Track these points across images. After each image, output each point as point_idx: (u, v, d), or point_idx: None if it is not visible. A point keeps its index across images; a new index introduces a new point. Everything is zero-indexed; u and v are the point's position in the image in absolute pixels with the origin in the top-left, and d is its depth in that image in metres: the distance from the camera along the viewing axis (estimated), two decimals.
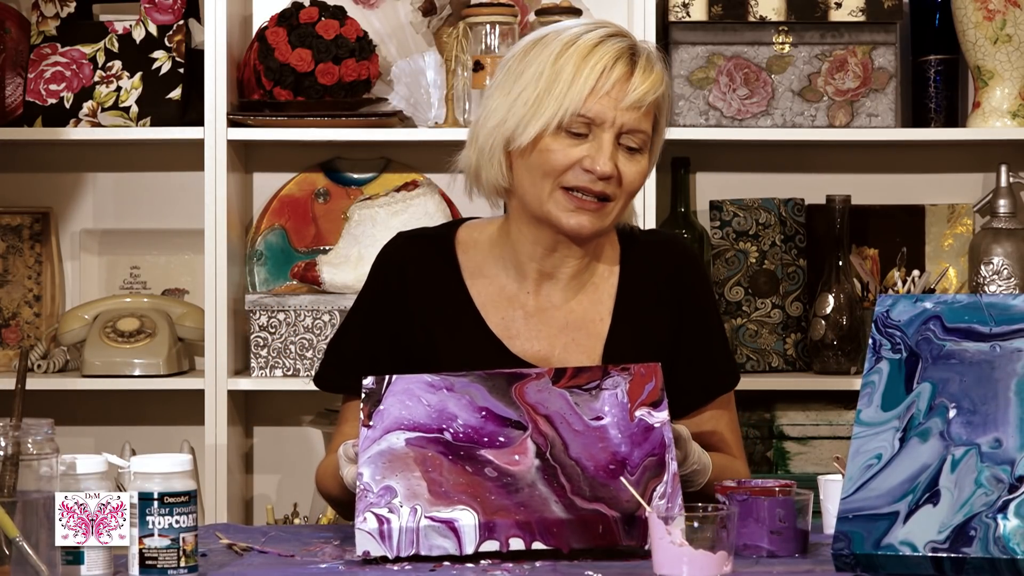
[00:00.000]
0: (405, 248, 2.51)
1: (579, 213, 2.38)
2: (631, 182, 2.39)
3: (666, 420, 2.13)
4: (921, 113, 3.59)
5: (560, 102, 2.35)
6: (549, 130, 2.36)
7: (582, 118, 2.36)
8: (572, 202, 2.37)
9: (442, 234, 2.52)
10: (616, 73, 2.36)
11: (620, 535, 2.05)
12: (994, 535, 1.82)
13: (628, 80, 2.36)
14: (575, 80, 2.35)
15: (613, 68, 2.36)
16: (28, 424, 1.97)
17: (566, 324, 2.46)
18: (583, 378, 2.16)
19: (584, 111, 2.35)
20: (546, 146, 2.37)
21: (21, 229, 3.62)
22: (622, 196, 2.39)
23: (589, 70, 2.35)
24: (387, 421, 2.14)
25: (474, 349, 2.43)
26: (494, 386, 2.16)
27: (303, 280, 3.46)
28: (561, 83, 2.36)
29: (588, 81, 2.35)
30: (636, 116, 2.36)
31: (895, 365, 1.98)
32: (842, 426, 3.40)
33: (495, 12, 3.36)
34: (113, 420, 3.64)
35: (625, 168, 2.38)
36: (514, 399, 2.15)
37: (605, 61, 2.36)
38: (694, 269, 2.53)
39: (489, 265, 2.48)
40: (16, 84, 3.56)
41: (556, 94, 2.35)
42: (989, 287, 3.41)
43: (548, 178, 2.37)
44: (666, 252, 2.52)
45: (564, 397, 2.15)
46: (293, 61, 3.41)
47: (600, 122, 2.36)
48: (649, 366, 2.17)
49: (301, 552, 2.16)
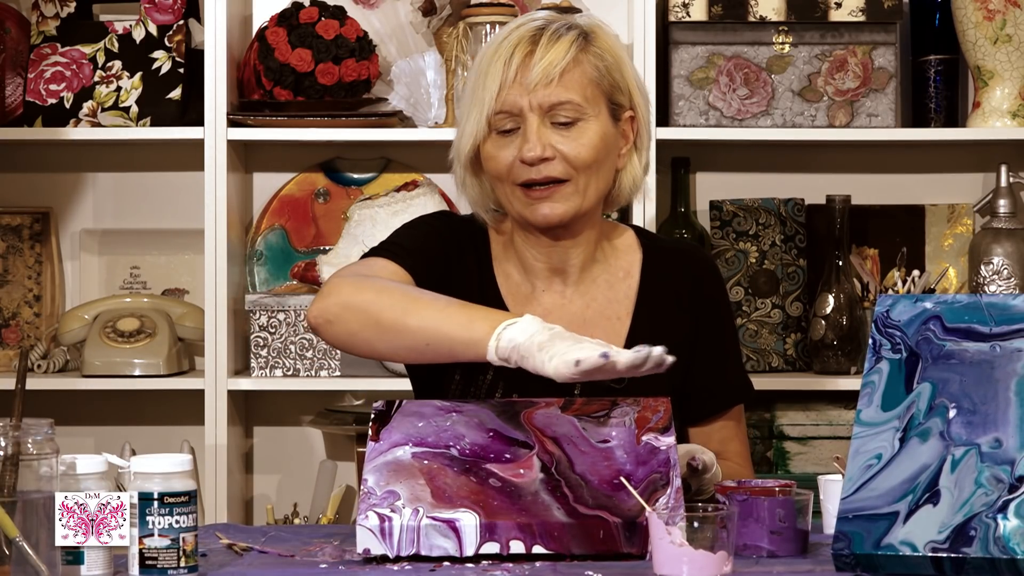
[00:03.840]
0: (455, 224, 2.53)
1: (538, 204, 2.39)
2: (575, 156, 2.37)
3: (673, 444, 2.13)
4: (921, 113, 3.59)
5: (479, 109, 2.38)
6: (479, 138, 2.39)
7: (502, 114, 2.37)
8: (528, 197, 2.39)
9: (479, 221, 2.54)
10: (517, 58, 2.37)
11: (621, 542, 2.05)
12: (994, 535, 1.82)
13: (530, 60, 2.36)
14: (487, 83, 2.37)
15: (514, 56, 2.37)
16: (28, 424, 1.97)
17: (583, 321, 2.46)
18: (592, 407, 2.18)
19: (499, 107, 2.36)
20: (487, 153, 2.40)
21: (21, 229, 3.62)
22: (578, 173, 2.38)
23: (494, 67, 2.37)
24: (395, 436, 2.15)
25: None
26: (503, 411, 2.18)
27: (303, 280, 3.46)
28: (478, 90, 2.38)
29: (495, 77, 2.37)
30: (550, 91, 2.36)
31: (895, 365, 1.98)
32: (842, 426, 3.40)
33: (495, 12, 3.36)
34: (113, 420, 3.64)
35: (563, 145, 2.37)
36: (522, 423, 2.16)
37: (507, 52, 2.37)
38: (715, 281, 2.53)
39: (505, 261, 2.50)
40: (16, 84, 3.56)
41: (477, 102, 2.38)
42: (989, 287, 3.41)
43: (503, 182, 2.40)
44: (688, 261, 2.53)
45: (572, 423, 2.16)
46: (293, 61, 3.41)
47: (517, 111, 2.37)
48: (659, 399, 2.18)
49: (301, 552, 2.16)
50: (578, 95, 2.37)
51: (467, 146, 2.40)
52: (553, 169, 2.37)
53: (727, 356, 2.52)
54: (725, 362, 2.51)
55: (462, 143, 2.41)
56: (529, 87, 2.35)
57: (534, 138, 2.35)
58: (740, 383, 2.54)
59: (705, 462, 2.23)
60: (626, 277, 2.50)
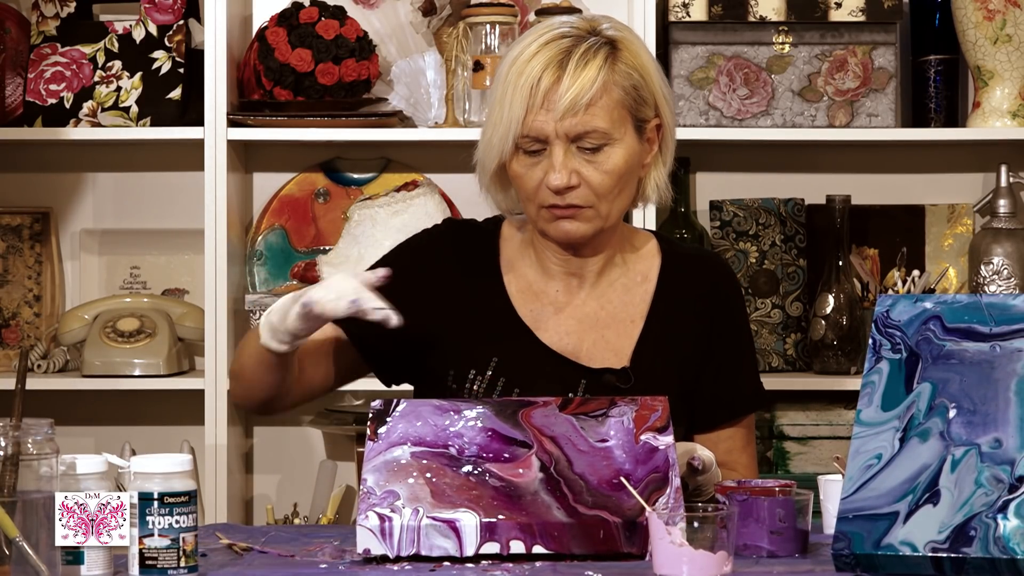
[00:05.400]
0: (451, 232, 2.53)
1: (560, 223, 2.39)
2: (599, 184, 2.37)
3: (671, 443, 2.13)
4: (921, 113, 3.59)
5: (506, 129, 2.36)
6: (506, 156, 2.37)
7: (528, 138, 2.36)
8: (551, 215, 2.39)
9: (488, 228, 2.54)
10: (544, 84, 2.34)
11: (621, 542, 2.05)
12: (994, 535, 1.82)
13: (557, 88, 2.34)
14: (512, 104, 2.35)
15: (540, 80, 2.34)
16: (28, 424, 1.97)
17: (596, 321, 2.46)
18: (590, 406, 2.18)
19: (526, 132, 2.35)
20: (514, 172, 2.40)
21: (21, 229, 3.62)
22: (600, 200, 2.38)
23: (520, 90, 2.34)
24: (393, 436, 2.15)
25: (503, 334, 2.44)
26: (501, 410, 2.18)
27: (303, 280, 3.46)
28: (503, 109, 2.36)
29: (521, 102, 2.34)
30: (576, 120, 2.34)
31: (895, 365, 1.98)
32: (842, 426, 3.40)
33: (495, 12, 3.36)
34: (113, 420, 3.64)
35: (588, 173, 2.36)
36: (520, 422, 2.16)
37: (533, 76, 2.34)
38: (731, 288, 2.53)
39: (521, 260, 2.50)
40: (16, 84, 3.56)
41: (502, 122, 2.36)
42: (989, 287, 3.41)
43: (528, 201, 2.40)
44: (706, 267, 2.53)
45: (570, 422, 2.16)
46: (293, 61, 3.41)
47: (544, 137, 2.35)
48: (656, 398, 2.18)
49: (301, 552, 2.16)
50: (605, 122, 2.35)
51: (493, 162, 2.40)
52: (576, 197, 2.37)
53: (741, 364, 2.51)
54: (739, 370, 2.51)
55: (488, 157, 2.40)
56: (556, 115, 2.34)
57: (559, 165, 2.35)
58: (753, 392, 2.53)
59: (704, 460, 2.23)
60: (643, 282, 2.50)
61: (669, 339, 2.46)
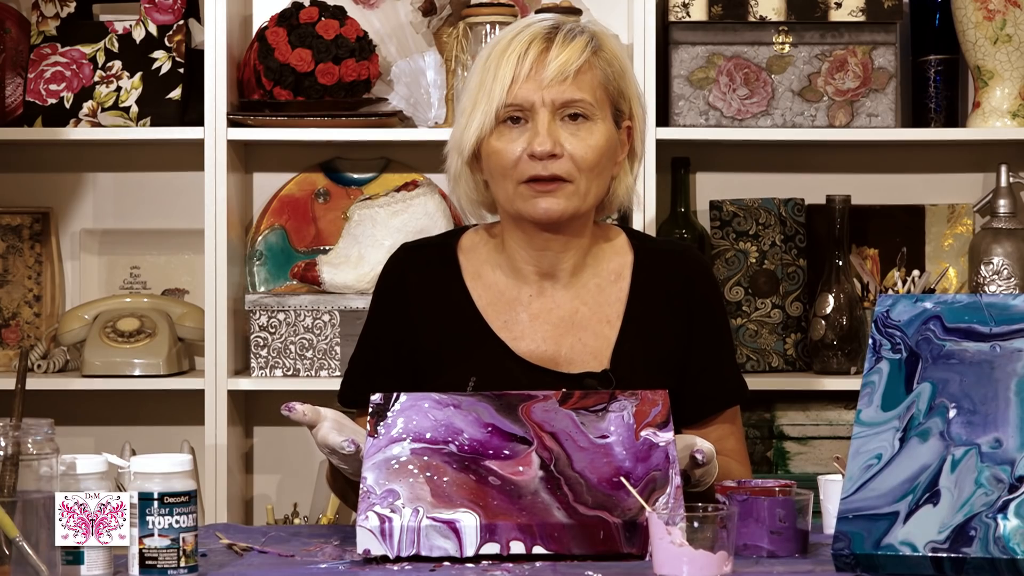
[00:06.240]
0: (405, 258, 2.53)
1: (541, 198, 2.40)
2: (582, 156, 2.39)
3: (671, 440, 2.13)
4: (921, 113, 3.59)
5: (488, 101, 2.39)
6: (486, 130, 2.39)
7: (512, 107, 2.39)
8: (532, 191, 2.39)
9: (445, 241, 2.54)
10: (532, 54, 2.39)
11: (621, 542, 2.05)
12: (994, 535, 1.82)
13: (545, 57, 2.39)
14: (497, 75, 2.39)
15: (528, 51, 2.39)
16: (28, 424, 1.97)
17: (572, 325, 2.46)
18: (590, 401, 2.18)
19: (510, 100, 2.38)
20: (493, 148, 2.41)
21: (21, 229, 3.62)
22: (581, 175, 2.40)
23: (507, 61, 2.39)
24: (393, 432, 2.15)
25: (478, 352, 2.44)
26: (501, 405, 2.18)
27: (303, 280, 3.46)
28: (487, 84, 2.39)
29: (508, 72, 2.39)
30: (563, 88, 2.38)
31: (895, 365, 1.98)
32: (842, 426, 3.40)
33: (495, 12, 3.36)
34: (113, 420, 3.64)
35: (571, 144, 2.39)
36: (520, 417, 2.16)
37: (520, 48, 2.40)
38: (707, 281, 2.53)
39: (490, 269, 2.49)
40: (16, 84, 3.56)
41: (484, 95, 2.39)
42: (989, 287, 3.41)
43: (507, 177, 2.41)
44: (680, 262, 2.52)
45: (570, 417, 2.16)
46: (293, 61, 3.41)
47: (529, 106, 2.38)
48: (656, 392, 2.18)
49: (301, 552, 2.16)
50: (589, 95, 2.40)
51: (472, 138, 2.41)
52: (559, 167, 2.38)
53: (721, 358, 2.51)
54: (719, 364, 2.51)
55: (466, 135, 2.42)
56: (543, 83, 2.37)
57: (544, 132, 2.37)
58: (735, 385, 2.53)
59: (706, 452, 2.23)
60: (617, 280, 2.50)
61: (647, 338, 2.46)
